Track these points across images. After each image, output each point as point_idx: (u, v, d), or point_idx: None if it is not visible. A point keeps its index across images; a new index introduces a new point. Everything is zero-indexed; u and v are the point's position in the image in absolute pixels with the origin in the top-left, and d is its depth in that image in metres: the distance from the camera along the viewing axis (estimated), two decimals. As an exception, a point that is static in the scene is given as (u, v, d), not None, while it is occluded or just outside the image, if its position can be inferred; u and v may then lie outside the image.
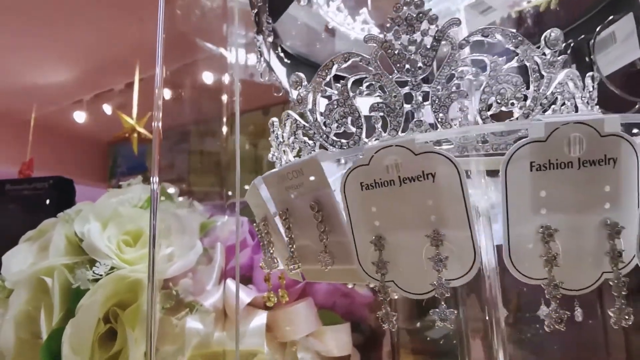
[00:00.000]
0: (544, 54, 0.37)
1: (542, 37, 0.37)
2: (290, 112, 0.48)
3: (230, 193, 1.04)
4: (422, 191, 0.35)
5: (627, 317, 0.33)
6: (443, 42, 0.39)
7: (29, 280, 0.75)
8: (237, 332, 0.61)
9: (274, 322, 0.87)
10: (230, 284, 0.87)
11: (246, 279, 0.90)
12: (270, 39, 0.64)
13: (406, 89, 0.40)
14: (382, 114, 0.40)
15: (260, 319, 0.85)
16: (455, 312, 0.36)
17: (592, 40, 0.65)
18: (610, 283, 0.33)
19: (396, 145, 0.36)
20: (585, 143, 0.32)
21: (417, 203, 0.36)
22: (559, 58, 0.37)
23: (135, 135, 2.00)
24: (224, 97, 1.17)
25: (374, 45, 0.40)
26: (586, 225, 0.34)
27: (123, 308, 0.73)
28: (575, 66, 0.43)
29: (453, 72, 0.38)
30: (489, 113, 0.37)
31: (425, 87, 0.39)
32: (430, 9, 0.39)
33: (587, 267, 0.34)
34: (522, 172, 0.34)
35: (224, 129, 1.19)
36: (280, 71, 0.70)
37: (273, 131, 0.52)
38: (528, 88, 0.38)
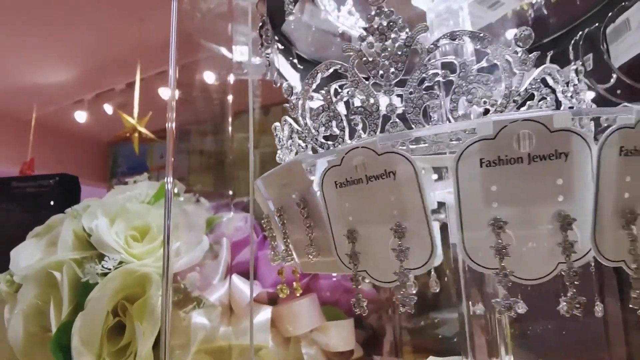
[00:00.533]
0: (515, 52, 0.39)
1: (514, 36, 0.39)
2: (287, 117, 0.51)
3: (230, 192, 1.05)
4: (385, 188, 0.38)
5: (577, 305, 0.35)
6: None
7: (37, 275, 0.76)
8: (251, 325, 0.62)
9: (278, 317, 0.88)
10: (236, 279, 0.88)
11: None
12: (280, 47, 0.67)
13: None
14: (361, 116, 0.43)
15: (265, 314, 0.86)
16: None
17: (603, 28, 0.66)
18: (563, 273, 0.35)
19: (362, 147, 0.39)
20: (534, 139, 0.34)
21: (382, 199, 0.39)
22: (530, 56, 0.39)
23: (136, 135, 2.01)
24: (230, 97, 1.18)
25: (351, 53, 0.43)
26: (539, 217, 0.36)
27: (131, 302, 0.74)
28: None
29: (424, 75, 0.41)
30: (461, 112, 0.39)
31: (399, 91, 0.42)
32: (400, 18, 0.42)
33: (541, 258, 0.36)
34: (473, 168, 0.36)
35: (229, 129, 1.20)
36: (294, 76, 0.72)
37: (276, 135, 0.56)
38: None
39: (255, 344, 0.84)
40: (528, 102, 0.40)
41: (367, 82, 0.43)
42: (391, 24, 0.42)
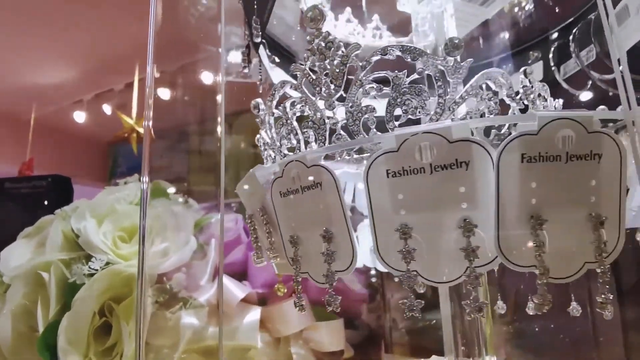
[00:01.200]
0: (446, 60, 0.41)
1: (443, 45, 0.41)
2: (261, 131, 0.55)
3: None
4: (315, 197, 0.41)
5: (478, 308, 0.36)
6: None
7: (26, 275, 0.77)
8: (220, 325, 0.62)
9: (267, 317, 0.89)
10: (225, 280, 0.89)
11: (240, 275, 0.92)
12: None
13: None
14: (312, 129, 0.46)
15: (254, 314, 0.87)
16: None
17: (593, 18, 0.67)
18: (465, 278, 0.36)
19: (295, 160, 0.42)
20: (435, 150, 0.36)
21: (313, 207, 0.42)
22: (463, 64, 0.41)
23: (135, 135, 2.02)
24: (219, 97, 1.19)
25: (299, 73, 0.47)
26: (444, 223, 0.38)
27: (118, 302, 0.75)
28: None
29: (360, 89, 0.43)
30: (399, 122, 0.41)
31: (340, 106, 0.44)
32: (336, 38, 0.45)
33: (448, 261, 0.38)
34: (380, 178, 0.38)
35: (219, 129, 1.21)
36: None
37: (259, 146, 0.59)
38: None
39: (245, 345, 0.85)
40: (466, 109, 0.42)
41: (313, 99, 0.46)
42: (329, 44, 0.45)
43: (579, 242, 0.36)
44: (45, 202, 1.08)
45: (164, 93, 1.98)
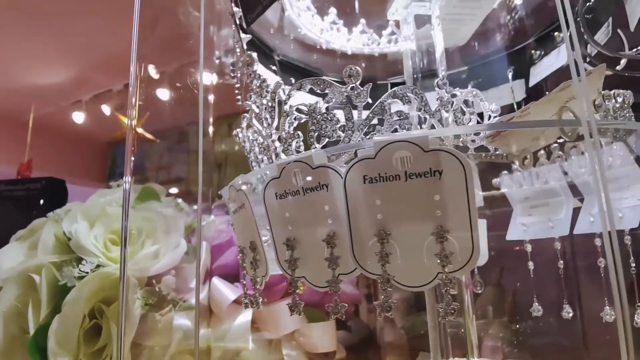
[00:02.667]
0: (352, 88, 0.45)
1: (344, 72, 0.45)
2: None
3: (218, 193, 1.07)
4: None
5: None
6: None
7: (18, 278, 0.78)
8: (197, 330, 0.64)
9: (259, 319, 0.90)
10: (216, 281, 0.90)
11: (232, 277, 0.94)
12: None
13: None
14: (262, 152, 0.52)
15: (245, 316, 0.88)
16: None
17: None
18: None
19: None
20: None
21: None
22: (363, 89, 0.45)
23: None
24: (211, 97, 1.20)
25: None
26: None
27: (108, 304, 0.76)
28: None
29: (288, 119, 0.48)
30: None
31: (275, 133, 0.50)
32: (266, 79, 0.52)
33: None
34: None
35: (210, 130, 1.23)
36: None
37: None
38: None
39: (236, 346, 0.86)
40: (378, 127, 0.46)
41: (260, 129, 0.53)
42: (262, 84, 0.51)
43: (428, 254, 0.39)
44: (41, 204, 1.10)
45: (163, 94, 1.99)
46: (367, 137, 0.45)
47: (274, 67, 0.86)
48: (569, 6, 0.40)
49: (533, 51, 0.80)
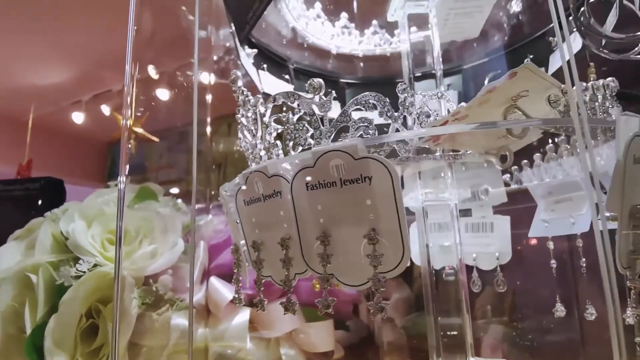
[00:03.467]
0: (319, 99, 0.48)
1: (308, 84, 0.49)
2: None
3: (213, 192, 1.07)
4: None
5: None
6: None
7: (15, 277, 0.78)
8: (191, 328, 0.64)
9: (256, 319, 0.90)
10: (214, 281, 0.90)
11: (230, 277, 0.93)
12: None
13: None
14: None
15: (243, 316, 0.88)
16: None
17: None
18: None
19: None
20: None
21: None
22: (326, 99, 0.48)
23: (133, 135, 2.03)
24: (208, 97, 1.20)
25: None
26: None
27: (105, 304, 0.76)
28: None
29: (267, 129, 0.53)
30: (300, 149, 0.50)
31: (260, 143, 0.54)
32: (249, 93, 0.56)
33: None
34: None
35: (208, 130, 1.23)
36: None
37: None
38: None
39: (234, 346, 0.86)
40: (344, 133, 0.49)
41: (249, 138, 0.57)
42: (246, 98, 0.56)
43: (364, 255, 0.41)
44: (39, 204, 1.10)
45: (163, 94, 1.99)
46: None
47: (286, 76, 0.88)
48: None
49: (551, 38, 0.79)
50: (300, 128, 0.49)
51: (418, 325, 1.09)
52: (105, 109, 2.40)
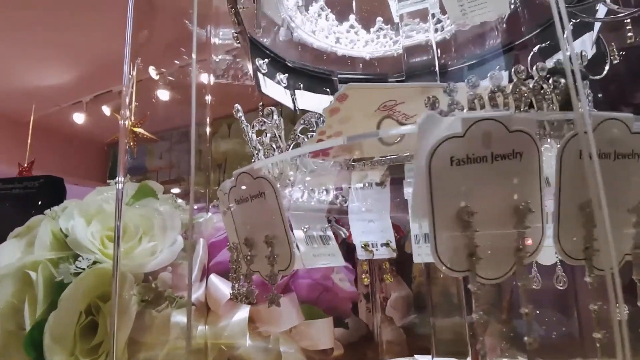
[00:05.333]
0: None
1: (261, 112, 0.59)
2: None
3: (215, 188, 1.07)
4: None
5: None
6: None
7: (14, 274, 0.78)
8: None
9: (256, 316, 0.89)
10: (214, 278, 0.90)
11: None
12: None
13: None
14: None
15: (243, 313, 0.88)
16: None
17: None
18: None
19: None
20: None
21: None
22: (274, 122, 0.57)
23: (133, 136, 2.03)
24: (208, 98, 1.20)
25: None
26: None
27: (104, 300, 0.76)
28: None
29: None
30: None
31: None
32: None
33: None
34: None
35: (207, 130, 1.23)
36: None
37: None
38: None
39: (233, 343, 0.85)
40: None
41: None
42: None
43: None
44: (39, 203, 1.09)
45: (164, 94, 1.98)
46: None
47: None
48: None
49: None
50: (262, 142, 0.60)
51: (417, 325, 1.09)
52: (106, 110, 2.40)
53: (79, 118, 2.57)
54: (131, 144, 1.97)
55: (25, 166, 1.68)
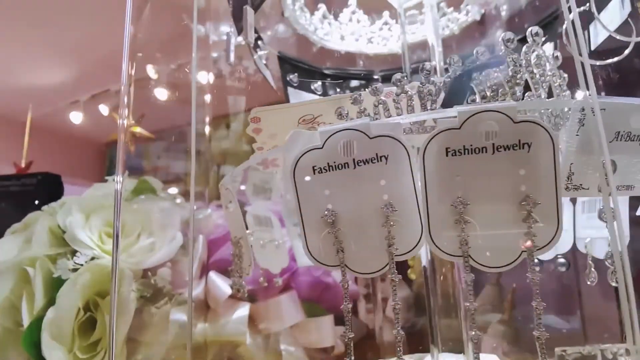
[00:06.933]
0: None
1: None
2: None
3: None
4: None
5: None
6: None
7: (12, 271, 0.77)
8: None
9: (256, 313, 0.89)
10: (213, 275, 0.90)
11: (229, 272, 0.93)
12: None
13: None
14: None
15: (243, 310, 0.87)
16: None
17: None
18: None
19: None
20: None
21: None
22: None
23: (131, 135, 2.02)
24: (207, 97, 1.20)
25: None
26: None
27: (103, 297, 0.75)
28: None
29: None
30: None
31: None
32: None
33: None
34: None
35: (207, 129, 1.23)
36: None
37: None
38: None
39: (234, 341, 0.85)
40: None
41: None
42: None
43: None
44: (36, 202, 1.09)
45: (161, 93, 1.98)
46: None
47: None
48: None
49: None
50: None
51: (418, 325, 1.09)
52: (104, 109, 2.40)
53: (76, 117, 2.56)
54: (129, 144, 1.97)
55: (23, 167, 1.67)
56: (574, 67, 0.38)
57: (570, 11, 0.39)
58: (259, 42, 0.82)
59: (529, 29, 0.44)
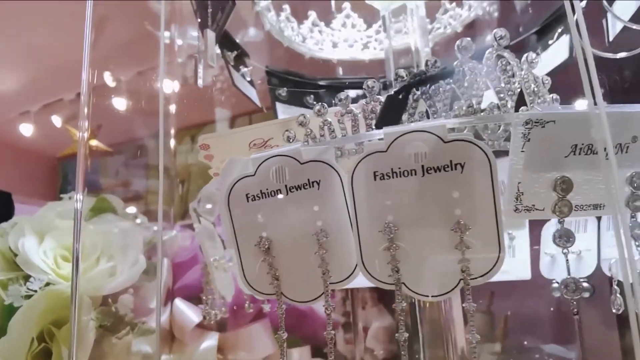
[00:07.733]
0: None
1: None
2: None
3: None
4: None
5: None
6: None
7: (-41, 298, 0.77)
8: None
9: (225, 344, 0.89)
10: (179, 302, 0.90)
11: (197, 299, 0.93)
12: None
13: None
14: None
15: (211, 340, 0.88)
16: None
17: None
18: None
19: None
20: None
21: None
22: None
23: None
24: (172, 107, 1.20)
25: None
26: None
27: (58, 326, 0.75)
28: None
29: None
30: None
31: None
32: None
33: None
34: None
35: (172, 143, 1.23)
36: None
37: None
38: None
39: (200, 374, 0.85)
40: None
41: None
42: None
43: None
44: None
45: (120, 103, 1.97)
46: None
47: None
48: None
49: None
50: None
51: (399, 356, 1.09)
52: (57, 120, 2.38)
53: (26, 129, 2.54)
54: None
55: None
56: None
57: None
58: (245, 59, 0.84)
59: (494, 32, 0.45)
